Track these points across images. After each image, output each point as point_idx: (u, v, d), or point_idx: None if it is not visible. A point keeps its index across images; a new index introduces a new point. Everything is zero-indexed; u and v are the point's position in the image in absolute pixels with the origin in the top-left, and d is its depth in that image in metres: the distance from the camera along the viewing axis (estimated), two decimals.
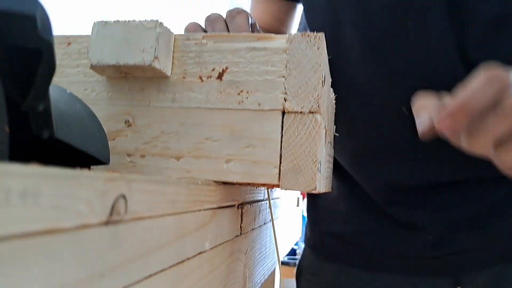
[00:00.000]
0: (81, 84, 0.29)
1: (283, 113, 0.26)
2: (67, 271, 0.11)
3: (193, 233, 0.21)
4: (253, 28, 0.42)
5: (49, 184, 0.10)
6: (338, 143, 0.49)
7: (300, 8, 0.65)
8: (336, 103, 0.44)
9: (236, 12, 0.41)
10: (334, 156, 0.51)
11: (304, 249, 0.59)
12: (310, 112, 0.26)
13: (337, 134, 0.45)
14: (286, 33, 0.34)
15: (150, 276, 0.16)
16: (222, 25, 0.41)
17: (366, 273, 0.51)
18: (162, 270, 0.17)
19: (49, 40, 0.15)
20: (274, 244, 0.38)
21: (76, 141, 0.20)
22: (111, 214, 0.13)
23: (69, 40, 0.29)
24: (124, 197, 0.13)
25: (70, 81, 0.29)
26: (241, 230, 0.32)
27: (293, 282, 0.57)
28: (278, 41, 0.26)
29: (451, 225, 0.47)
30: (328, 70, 0.31)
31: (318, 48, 0.26)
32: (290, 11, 0.65)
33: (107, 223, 0.13)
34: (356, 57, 0.45)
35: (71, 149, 0.20)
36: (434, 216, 0.47)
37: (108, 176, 0.13)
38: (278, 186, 0.26)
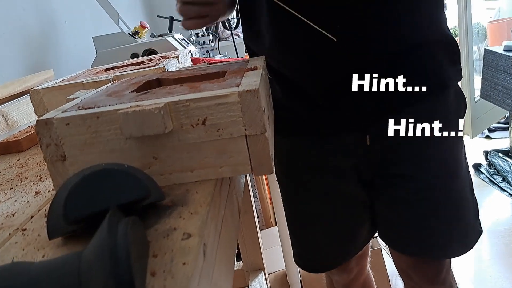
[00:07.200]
0: (117, 141, 0.46)
1: (246, 136, 0.45)
2: None
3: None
4: None
5: None
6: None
7: None
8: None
9: None
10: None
11: None
12: (261, 133, 0.45)
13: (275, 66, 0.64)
14: None
15: None
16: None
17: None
18: None
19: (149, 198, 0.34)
20: None
21: (158, 195, 0.39)
22: None
23: (97, 115, 0.45)
24: None
25: (108, 140, 0.46)
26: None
27: None
28: (233, 96, 0.43)
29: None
30: (269, 92, 0.48)
31: (257, 97, 0.43)
32: None
33: None
34: None
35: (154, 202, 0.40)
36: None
37: None
38: (252, 173, 0.47)
